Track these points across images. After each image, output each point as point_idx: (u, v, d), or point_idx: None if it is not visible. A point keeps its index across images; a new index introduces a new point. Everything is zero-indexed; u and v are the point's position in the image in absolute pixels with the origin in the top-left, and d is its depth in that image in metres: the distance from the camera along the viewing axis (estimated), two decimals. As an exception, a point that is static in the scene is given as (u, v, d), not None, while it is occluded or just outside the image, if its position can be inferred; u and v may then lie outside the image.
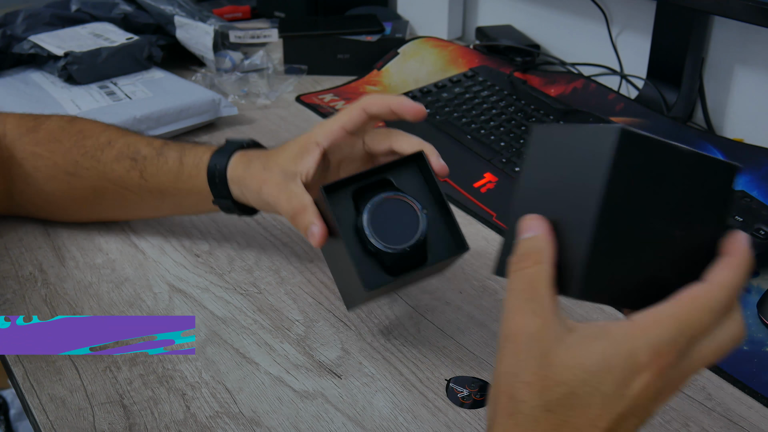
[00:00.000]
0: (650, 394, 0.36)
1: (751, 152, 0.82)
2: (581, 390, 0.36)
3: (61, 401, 0.56)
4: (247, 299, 0.67)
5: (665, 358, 0.36)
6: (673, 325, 0.36)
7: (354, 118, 0.59)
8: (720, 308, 0.37)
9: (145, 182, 0.68)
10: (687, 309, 0.36)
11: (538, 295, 0.38)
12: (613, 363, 0.36)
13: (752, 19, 0.79)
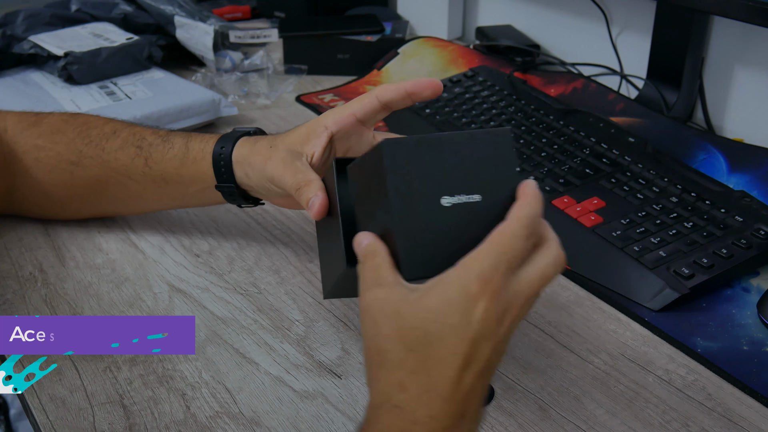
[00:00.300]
0: (492, 318, 0.42)
1: (751, 152, 0.82)
2: (432, 327, 0.42)
3: (61, 401, 0.56)
4: (247, 299, 0.67)
5: (493, 282, 0.42)
6: (490, 255, 0.42)
7: (366, 106, 0.59)
8: (524, 234, 0.43)
9: (149, 170, 0.68)
10: (497, 241, 0.43)
11: (381, 275, 0.44)
12: (451, 298, 0.42)
13: (752, 19, 0.79)
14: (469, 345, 0.41)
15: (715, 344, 0.61)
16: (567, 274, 0.70)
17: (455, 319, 0.41)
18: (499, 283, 0.42)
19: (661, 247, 0.70)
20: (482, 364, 0.42)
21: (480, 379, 0.42)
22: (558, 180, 0.81)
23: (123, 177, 0.69)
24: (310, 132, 0.60)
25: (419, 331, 0.42)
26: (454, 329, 0.41)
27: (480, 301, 0.41)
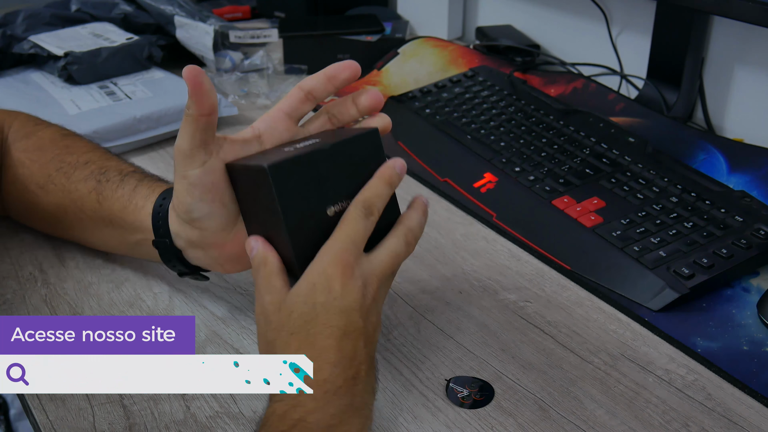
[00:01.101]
0: (353, 291, 0.49)
1: (751, 152, 0.82)
2: (304, 309, 0.49)
3: (61, 401, 0.56)
4: (247, 299, 0.67)
5: (344, 260, 0.49)
6: (338, 240, 0.50)
7: (290, 98, 0.56)
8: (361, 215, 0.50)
9: (99, 206, 0.64)
10: (341, 227, 0.50)
11: (271, 284, 0.51)
12: (314, 281, 0.49)
13: (752, 19, 0.79)
14: (339, 316, 0.48)
15: (715, 344, 0.61)
16: (567, 274, 0.70)
17: (321, 298, 0.48)
18: (350, 261, 0.49)
19: (661, 247, 0.70)
20: (358, 331, 0.49)
21: (361, 344, 0.49)
22: (558, 180, 0.81)
23: (78, 209, 0.66)
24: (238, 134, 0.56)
25: (296, 315, 0.49)
26: (323, 306, 0.48)
27: (335, 278, 0.48)
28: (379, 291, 0.51)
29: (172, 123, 0.95)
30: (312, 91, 0.57)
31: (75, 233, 0.71)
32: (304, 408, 0.46)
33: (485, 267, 0.71)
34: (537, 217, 0.77)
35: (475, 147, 0.89)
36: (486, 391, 0.57)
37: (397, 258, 0.52)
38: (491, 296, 0.67)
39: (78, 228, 0.69)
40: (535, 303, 0.66)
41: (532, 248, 0.73)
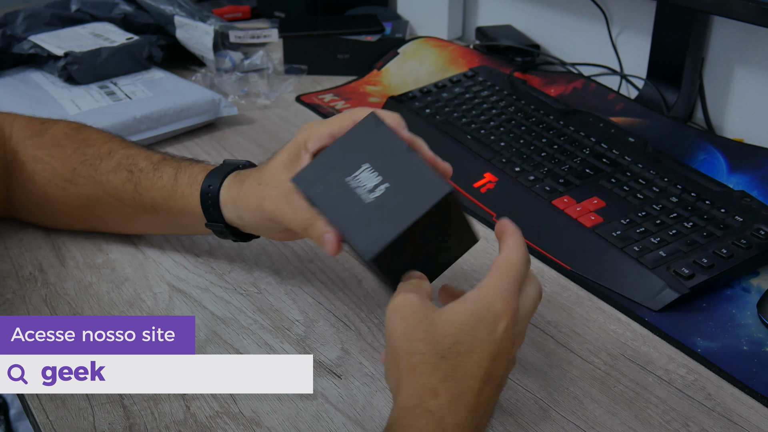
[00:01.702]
0: (510, 336, 0.47)
1: (751, 152, 0.82)
2: (464, 338, 0.46)
3: (61, 401, 0.56)
4: (247, 299, 0.67)
5: (512, 302, 0.47)
6: (508, 278, 0.48)
7: (344, 129, 0.57)
8: (526, 259, 0.50)
9: (139, 196, 0.67)
10: (507, 265, 0.49)
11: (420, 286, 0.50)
12: (481, 315, 0.46)
13: (752, 19, 0.79)
14: (490, 360, 0.46)
15: (715, 344, 0.61)
16: (567, 274, 0.70)
17: (483, 335, 0.46)
18: (516, 303, 0.48)
19: (661, 247, 0.70)
20: (498, 379, 0.47)
21: (495, 392, 0.47)
22: (558, 180, 0.81)
23: (114, 200, 0.68)
24: (292, 156, 0.58)
25: (451, 340, 0.46)
26: (482, 343, 0.46)
27: (503, 319, 0.47)
28: (522, 336, 0.50)
29: (172, 123, 0.95)
30: None
31: (109, 223, 0.72)
32: None
33: (485, 267, 0.71)
34: (537, 217, 0.77)
35: (475, 147, 0.89)
36: (487, 392, 0.57)
37: (539, 300, 0.51)
38: (491, 296, 0.67)
39: (113, 217, 0.70)
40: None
41: (532, 248, 0.73)
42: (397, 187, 0.51)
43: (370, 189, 0.51)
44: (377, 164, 0.52)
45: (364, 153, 0.52)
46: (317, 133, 0.58)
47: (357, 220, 0.51)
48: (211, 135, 0.97)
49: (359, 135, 0.53)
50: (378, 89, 1.09)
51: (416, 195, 0.50)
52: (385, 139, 0.53)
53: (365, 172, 0.52)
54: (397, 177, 0.51)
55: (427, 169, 0.51)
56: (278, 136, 0.97)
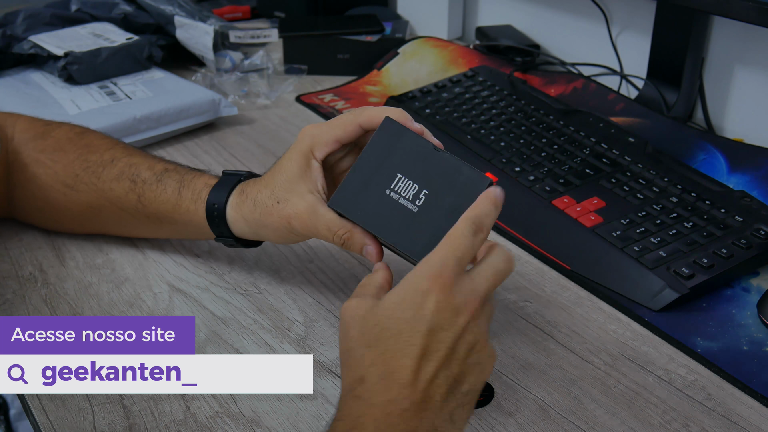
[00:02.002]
0: (446, 309, 0.45)
1: (751, 152, 0.82)
2: (388, 323, 0.45)
3: (61, 401, 0.56)
4: (247, 299, 0.67)
5: (442, 277, 0.45)
6: (439, 254, 0.46)
7: (350, 133, 0.57)
8: (470, 232, 0.47)
9: (143, 207, 0.67)
10: (447, 241, 0.47)
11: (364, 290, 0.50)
12: (404, 295, 0.46)
13: (752, 19, 0.79)
14: (424, 336, 0.44)
15: (715, 344, 0.61)
16: (567, 274, 0.70)
17: (408, 314, 0.45)
18: (449, 277, 0.45)
19: (661, 247, 0.70)
20: (443, 353, 0.45)
21: (442, 368, 0.44)
22: (558, 180, 0.81)
23: (116, 208, 0.68)
24: (303, 167, 0.58)
25: (377, 329, 0.46)
26: (408, 323, 0.45)
27: (430, 294, 0.45)
28: (481, 311, 0.46)
29: (172, 123, 0.95)
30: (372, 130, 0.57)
31: (111, 228, 0.72)
32: (363, 429, 0.43)
33: (485, 267, 0.71)
34: (537, 217, 0.77)
35: (475, 147, 0.89)
36: (486, 391, 0.57)
37: (500, 276, 0.48)
38: (491, 296, 0.67)
39: (116, 224, 0.71)
40: (535, 303, 0.66)
41: (532, 248, 0.73)
42: (439, 190, 0.52)
43: (411, 198, 0.52)
44: (412, 171, 0.53)
45: (394, 162, 0.53)
46: (323, 139, 0.57)
47: (412, 231, 0.52)
48: (211, 135, 0.97)
49: (383, 143, 0.54)
50: (378, 89, 1.09)
51: (460, 194, 0.51)
52: (410, 143, 0.53)
53: (402, 182, 0.53)
54: (435, 180, 0.52)
55: (459, 165, 0.52)
56: (278, 136, 0.97)
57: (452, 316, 0.45)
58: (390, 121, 0.54)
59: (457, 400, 0.45)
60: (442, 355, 0.44)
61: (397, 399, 0.43)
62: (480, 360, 0.46)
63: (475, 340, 0.46)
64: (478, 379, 0.46)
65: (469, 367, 0.45)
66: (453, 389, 0.45)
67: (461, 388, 0.45)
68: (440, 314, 0.45)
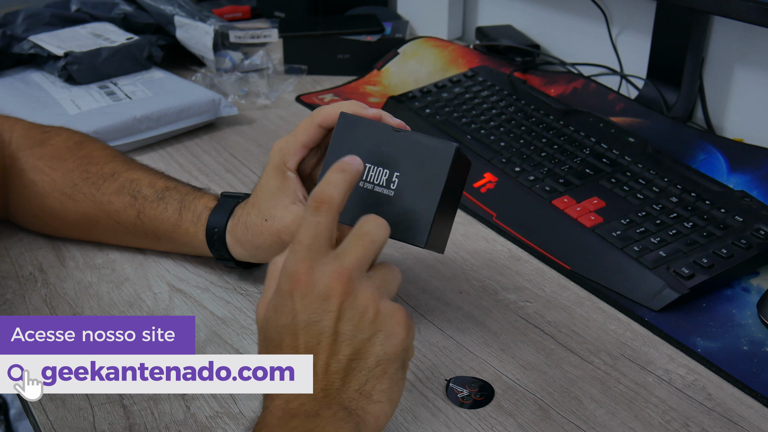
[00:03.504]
0: (312, 301, 0.44)
1: (751, 152, 0.82)
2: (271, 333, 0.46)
3: (61, 401, 0.56)
4: (247, 299, 0.67)
5: (297, 272, 0.44)
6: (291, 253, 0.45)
7: (312, 135, 0.58)
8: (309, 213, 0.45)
9: (142, 223, 0.67)
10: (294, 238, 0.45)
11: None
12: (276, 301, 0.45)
13: (752, 19, 0.79)
14: (301, 336, 0.44)
15: (715, 344, 0.61)
16: (567, 274, 0.70)
17: (283, 319, 0.45)
18: (305, 268, 0.44)
19: (661, 247, 0.70)
20: (325, 343, 0.44)
21: (331, 357, 0.44)
22: (558, 180, 0.81)
23: (114, 221, 0.68)
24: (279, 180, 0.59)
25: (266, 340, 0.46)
26: (286, 328, 0.45)
27: (293, 293, 0.44)
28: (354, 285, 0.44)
29: (172, 123, 0.95)
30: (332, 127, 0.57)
31: (109, 240, 0.72)
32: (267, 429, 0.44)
33: (485, 267, 0.71)
34: (537, 217, 0.77)
35: (475, 147, 0.89)
36: (486, 391, 0.57)
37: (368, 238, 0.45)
38: (491, 296, 0.67)
39: (114, 236, 0.71)
40: (535, 303, 0.66)
41: (532, 248, 0.73)
42: (409, 169, 0.52)
43: (385, 184, 0.52)
44: (378, 158, 0.52)
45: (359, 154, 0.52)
46: (290, 149, 0.58)
47: (392, 216, 0.51)
48: (211, 135, 0.97)
49: (343, 138, 0.54)
50: (378, 89, 1.09)
51: (430, 165, 0.51)
52: (368, 131, 0.53)
53: (372, 171, 0.53)
54: (403, 160, 0.52)
55: (422, 139, 0.52)
56: (278, 136, 0.97)
57: (320, 305, 0.44)
58: (345, 116, 0.54)
59: (363, 376, 0.45)
60: (326, 344, 0.44)
61: (292, 397, 0.44)
62: (378, 329, 0.45)
63: (359, 314, 0.44)
64: (385, 347, 0.45)
65: (365, 342, 0.44)
66: (352, 368, 0.44)
67: (364, 363, 0.45)
68: (308, 308, 0.44)
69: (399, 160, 0.52)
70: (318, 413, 0.43)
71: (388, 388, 0.45)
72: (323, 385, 0.44)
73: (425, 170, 0.51)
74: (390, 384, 0.45)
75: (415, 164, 0.52)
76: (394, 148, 0.52)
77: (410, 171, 0.52)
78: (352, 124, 0.54)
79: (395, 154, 0.52)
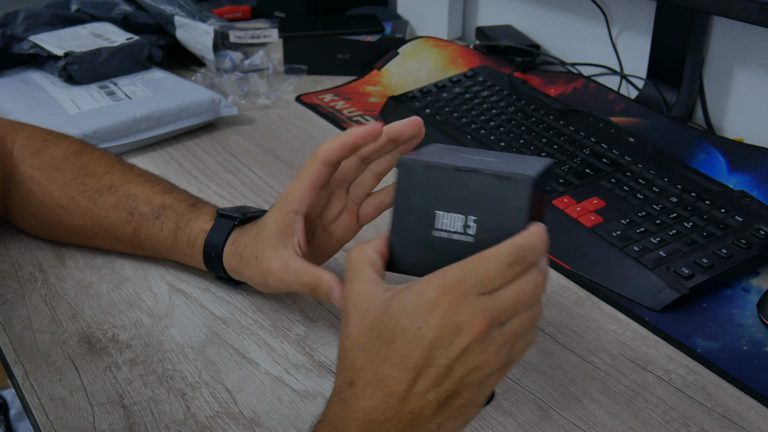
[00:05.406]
0: (448, 327, 0.41)
1: (751, 152, 0.82)
2: (386, 328, 0.42)
3: (61, 401, 0.56)
4: (247, 299, 0.67)
5: (451, 292, 0.41)
6: (458, 269, 0.42)
7: (318, 176, 0.56)
8: (506, 260, 0.42)
9: (138, 240, 0.68)
10: (473, 259, 0.43)
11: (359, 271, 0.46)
12: (407, 303, 0.42)
13: (752, 19, 0.79)
14: (419, 350, 0.42)
15: (715, 344, 0.61)
16: (567, 274, 0.70)
17: (407, 323, 0.42)
18: (460, 294, 0.42)
19: (661, 247, 0.70)
20: (436, 370, 0.42)
21: (434, 386, 0.42)
22: (558, 180, 0.81)
23: (111, 236, 0.69)
24: (282, 225, 0.58)
25: (374, 332, 0.43)
26: (405, 333, 0.42)
27: (436, 308, 0.42)
28: (489, 334, 0.42)
29: (172, 123, 0.95)
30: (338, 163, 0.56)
31: (106, 248, 0.72)
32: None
33: (485, 267, 0.71)
34: (537, 217, 0.77)
35: (474, 147, 0.89)
36: (486, 391, 0.57)
37: (523, 298, 0.43)
38: (491, 296, 0.67)
39: (113, 246, 0.71)
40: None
41: (532, 248, 0.73)
42: (485, 211, 0.47)
43: (462, 230, 0.47)
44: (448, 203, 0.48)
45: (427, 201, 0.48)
46: (299, 192, 0.57)
47: None
48: (211, 135, 0.97)
49: (406, 187, 0.49)
50: (378, 89, 1.09)
51: (506, 205, 0.46)
52: (432, 174, 0.48)
53: (444, 218, 0.48)
54: (476, 201, 0.47)
55: (493, 175, 0.47)
56: (278, 136, 0.97)
57: (453, 335, 0.42)
58: (404, 163, 0.49)
59: (448, 413, 0.43)
60: (436, 372, 0.42)
61: (382, 407, 0.42)
62: (482, 383, 0.43)
63: (479, 363, 0.42)
64: (477, 395, 0.44)
65: (466, 386, 0.43)
66: (444, 404, 0.43)
67: (454, 402, 0.43)
68: (441, 330, 0.42)
69: (472, 202, 0.47)
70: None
71: (459, 427, 0.44)
72: (413, 410, 0.42)
73: (503, 209, 0.46)
74: (462, 423, 0.44)
75: (492, 205, 0.46)
76: (464, 190, 0.47)
77: (487, 213, 0.47)
78: (413, 170, 0.48)
79: (466, 195, 0.47)
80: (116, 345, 0.61)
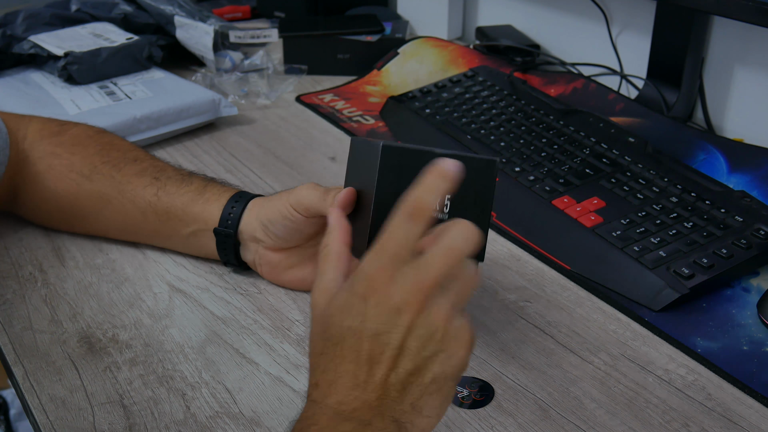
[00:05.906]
0: (385, 312, 0.42)
1: (751, 152, 0.82)
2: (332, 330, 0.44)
3: (61, 401, 0.56)
4: (247, 299, 0.67)
5: (377, 279, 0.42)
6: (373, 254, 0.43)
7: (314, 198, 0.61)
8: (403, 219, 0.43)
9: (157, 200, 0.68)
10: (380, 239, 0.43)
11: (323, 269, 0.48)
12: (342, 302, 0.44)
13: (752, 19, 0.79)
14: (369, 341, 0.43)
15: (715, 344, 0.61)
16: (567, 274, 0.70)
17: (349, 321, 0.43)
18: (385, 277, 0.42)
19: (661, 247, 0.70)
20: (389, 355, 0.43)
21: (392, 369, 0.43)
22: (558, 180, 0.81)
23: (127, 201, 0.69)
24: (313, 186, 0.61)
25: (325, 336, 0.45)
26: (350, 330, 0.43)
27: (368, 299, 0.43)
28: (429, 302, 0.43)
29: (172, 123, 0.95)
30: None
31: (110, 226, 0.72)
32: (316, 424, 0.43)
33: (485, 267, 0.71)
34: (537, 217, 0.77)
35: (475, 147, 0.89)
36: (486, 391, 0.57)
37: (454, 253, 0.43)
38: (491, 296, 0.67)
39: (120, 219, 0.71)
40: (535, 303, 0.66)
41: (532, 248, 0.73)
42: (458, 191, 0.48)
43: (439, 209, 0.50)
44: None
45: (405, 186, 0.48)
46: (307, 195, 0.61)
47: None
48: (211, 135, 0.97)
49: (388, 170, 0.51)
50: (378, 89, 1.09)
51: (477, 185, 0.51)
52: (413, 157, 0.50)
53: None
54: None
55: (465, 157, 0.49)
56: (278, 136, 0.97)
57: (393, 318, 0.42)
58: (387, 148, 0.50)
59: (418, 391, 0.43)
60: (390, 356, 0.43)
61: (347, 400, 0.43)
62: (442, 348, 0.43)
63: (428, 333, 0.43)
64: (444, 367, 0.43)
65: (426, 360, 0.43)
66: (410, 383, 0.43)
67: (421, 379, 0.43)
68: (379, 318, 0.42)
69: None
70: (370, 422, 0.43)
71: (438, 405, 0.45)
72: (379, 395, 0.43)
73: (473, 189, 0.51)
74: (441, 401, 0.45)
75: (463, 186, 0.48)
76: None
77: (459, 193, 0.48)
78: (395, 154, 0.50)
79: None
80: (116, 345, 0.61)
